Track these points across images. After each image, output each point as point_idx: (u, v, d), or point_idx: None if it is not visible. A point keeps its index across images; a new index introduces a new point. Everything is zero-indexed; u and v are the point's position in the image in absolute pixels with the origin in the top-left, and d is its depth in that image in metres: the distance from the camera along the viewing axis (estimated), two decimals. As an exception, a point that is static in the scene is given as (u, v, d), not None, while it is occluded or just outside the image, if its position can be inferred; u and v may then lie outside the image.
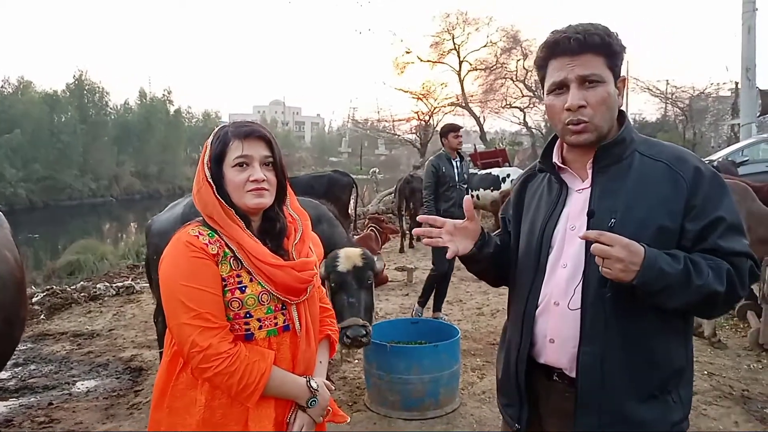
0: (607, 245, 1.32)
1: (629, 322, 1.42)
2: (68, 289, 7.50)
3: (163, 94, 41.50)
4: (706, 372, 4.34)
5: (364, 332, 2.99)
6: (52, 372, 4.75)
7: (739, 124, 16.05)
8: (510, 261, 1.67)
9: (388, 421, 3.69)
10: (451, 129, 5.55)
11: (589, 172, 1.49)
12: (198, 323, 1.47)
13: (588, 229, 1.42)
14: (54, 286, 7.75)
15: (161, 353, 4.10)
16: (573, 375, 1.47)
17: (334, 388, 1.73)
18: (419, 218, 1.65)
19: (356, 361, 4.25)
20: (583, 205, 1.48)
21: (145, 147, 38.67)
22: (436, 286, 5.66)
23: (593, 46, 1.40)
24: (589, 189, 1.48)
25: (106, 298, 7.25)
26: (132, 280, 8.17)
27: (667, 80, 26.58)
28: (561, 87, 1.44)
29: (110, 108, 37.86)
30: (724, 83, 24.81)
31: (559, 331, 1.49)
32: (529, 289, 1.55)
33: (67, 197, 31.08)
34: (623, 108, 1.53)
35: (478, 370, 4.52)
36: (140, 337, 5.56)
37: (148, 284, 5.85)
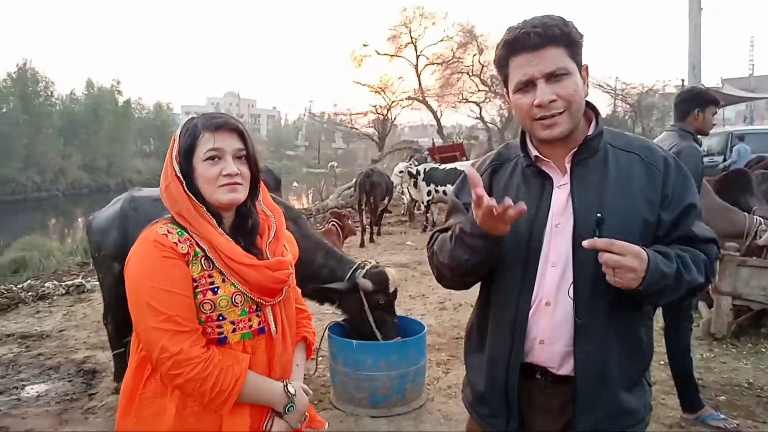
0: (618, 254, 1.29)
1: (620, 315, 1.43)
2: (14, 288, 7.14)
3: (112, 85, 39.89)
4: (662, 362, 4.44)
5: None
6: (-1, 376, 4.51)
7: (685, 120, 16.59)
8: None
9: (354, 418, 3.64)
10: (714, 101, 3.48)
11: (568, 166, 1.45)
12: (168, 327, 1.38)
13: (575, 225, 1.40)
14: (-2, 285, 7.38)
15: (114, 356, 3.98)
16: (561, 373, 1.46)
17: (312, 392, 1.66)
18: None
19: (321, 358, 4.18)
20: (566, 200, 1.44)
21: (93, 139, 37.03)
22: None
23: (553, 38, 1.36)
24: (569, 184, 1.44)
25: (55, 297, 6.93)
26: (82, 278, 7.82)
27: (616, 77, 27.45)
28: (527, 85, 1.39)
29: (55, 98, 36.17)
30: (670, 80, 25.82)
31: (550, 332, 1.45)
32: (520, 291, 1.46)
33: (10, 191, 29.60)
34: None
35: (443, 364, 4.51)
36: (93, 338, 5.32)
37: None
